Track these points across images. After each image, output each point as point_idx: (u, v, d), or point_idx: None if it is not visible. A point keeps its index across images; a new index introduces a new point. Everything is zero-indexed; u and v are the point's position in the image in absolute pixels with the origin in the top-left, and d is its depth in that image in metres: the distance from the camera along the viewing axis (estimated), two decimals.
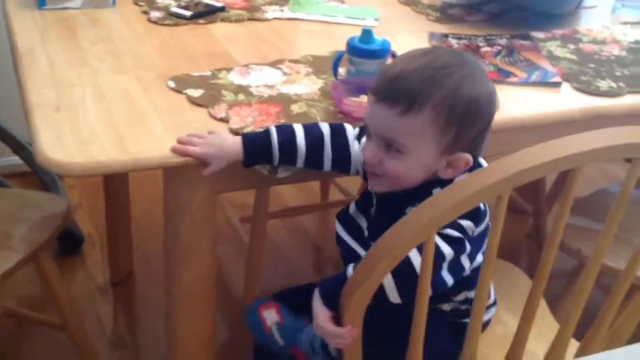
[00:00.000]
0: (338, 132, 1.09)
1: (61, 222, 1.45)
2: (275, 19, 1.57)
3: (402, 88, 0.94)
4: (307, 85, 1.25)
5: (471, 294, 1.04)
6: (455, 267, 0.97)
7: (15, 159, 2.20)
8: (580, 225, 1.49)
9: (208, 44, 1.41)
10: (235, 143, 1.05)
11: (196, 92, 1.19)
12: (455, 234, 0.94)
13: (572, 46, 1.49)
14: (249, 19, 1.55)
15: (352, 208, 1.12)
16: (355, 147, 1.09)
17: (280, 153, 1.05)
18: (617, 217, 0.90)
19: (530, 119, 1.22)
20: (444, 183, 0.97)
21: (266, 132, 1.06)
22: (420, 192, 0.96)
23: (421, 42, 1.47)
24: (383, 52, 1.22)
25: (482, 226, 0.99)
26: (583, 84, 1.32)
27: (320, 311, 0.97)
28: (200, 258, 1.14)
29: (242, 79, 1.25)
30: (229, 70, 1.28)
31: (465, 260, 0.98)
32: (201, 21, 1.51)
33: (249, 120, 1.12)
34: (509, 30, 1.55)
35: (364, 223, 1.10)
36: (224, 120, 1.12)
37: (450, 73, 0.94)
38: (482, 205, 0.98)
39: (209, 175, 1.04)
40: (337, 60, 1.25)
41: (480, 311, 0.92)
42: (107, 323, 1.81)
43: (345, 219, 1.12)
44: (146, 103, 1.15)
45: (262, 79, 1.26)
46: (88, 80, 1.21)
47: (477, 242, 0.99)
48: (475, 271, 0.98)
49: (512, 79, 1.31)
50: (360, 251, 1.07)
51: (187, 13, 1.50)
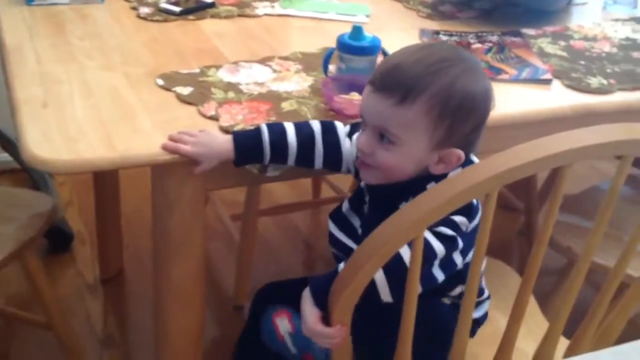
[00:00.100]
0: (329, 130, 1.08)
1: (46, 221, 1.44)
2: (266, 15, 1.56)
3: (399, 79, 0.94)
4: (297, 83, 1.24)
5: None
6: (447, 263, 0.96)
7: (4, 156, 2.19)
8: (571, 223, 1.49)
9: (197, 41, 1.40)
10: (226, 142, 1.04)
11: (185, 90, 1.18)
12: (449, 232, 0.94)
13: (562, 43, 1.49)
14: (239, 15, 1.54)
15: (345, 207, 1.12)
16: (346, 144, 1.08)
17: (272, 151, 1.05)
18: (607, 215, 0.90)
19: (521, 116, 1.22)
20: (438, 178, 0.96)
21: (257, 131, 1.05)
22: (415, 187, 0.95)
23: (412, 38, 1.46)
24: (373, 48, 1.21)
25: (476, 221, 0.99)
26: (574, 81, 1.31)
27: (310, 311, 0.95)
28: (189, 255, 1.13)
29: (232, 77, 1.24)
30: (217, 67, 1.27)
31: (457, 257, 0.97)
32: (191, 17, 1.50)
33: (239, 118, 1.12)
34: (500, 26, 1.55)
35: (357, 222, 1.09)
36: (214, 118, 1.11)
37: (448, 67, 0.94)
38: (474, 201, 0.97)
39: (199, 173, 1.04)
40: (327, 58, 1.24)
41: (469, 310, 0.92)
42: (97, 321, 1.80)
43: (338, 218, 1.11)
44: (134, 100, 1.14)
45: (252, 77, 1.25)
46: (76, 77, 1.20)
47: (471, 237, 0.99)
48: (469, 266, 0.97)
49: (503, 76, 1.31)
50: None
51: (177, 9, 1.49)
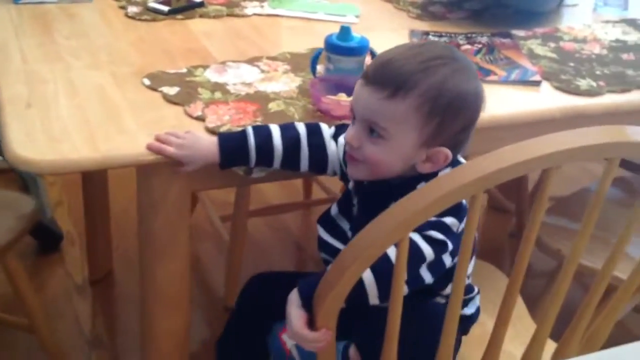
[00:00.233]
0: (314, 132, 1.08)
1: (28, 223, 1.43)
2: (255, 15, 1.55)
3: (391, 73, 0.94)
4: (285, 83, 1.23)
5: None
6: (436, 265, 0.96)
7: None
8: (561, 225, 1.49)
9: (186, 40, 1.39)
10: (211, 144, 1.03)
11: (172, 90, 1.17)
12: (439, 236, 0.93)
13: (552, 44, 1.49)
14: (228, 15, 1.53)
15: (333, 210, 1.11)
16: (331, 147, 1.08)
17: (257, 155, 1.04)
18: (593, 217, 0.89)
19: (510, 118, 1.21)
20: (429, 179, 0.95)
21: (242, 134, 1.05)
22: (405, 188, 0.93)
23: (402, 39, 1.45)
24: (361, 49, 1.21)
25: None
26: (563, 83, 1.31)
27: (296, 314, 0.93)
28: (174, 256, 1.12)
29: (219, 77, 1.23)
30: (205, 67, 1.26)
31: (447, 258, 0.97)
32: (179, 17, 1.49)
33: (226, 118, 1.11)
34: (490, 28, 1.54)
35: (346, 225, 1.09)
36: (200, 118, 1.11)
37: (441, 64, 0.94)
38: (464, 201, 0.97)
39: (183, 173, 1.03)
40: (315, 58, 1.23)
41: (455, 315, 0.91)
42: (85, 322, 1.79)
43: (327, 222, 1.11)
44: (120, 100, 1.14)
45: (240, 77, 1.24)
46: (61, 76, 1.19)
47: (461, 238, 0.98)
48: (455, 268, 0.97)
49: (492, 78, 1.31)
50: None
51: (165, 8, 1.48)
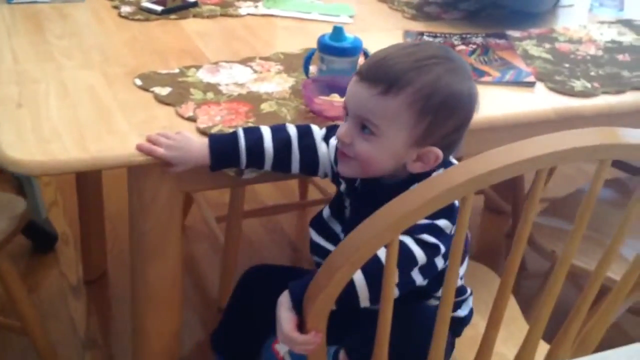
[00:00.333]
0: (305, 134, 1.07)
1: (19, 224, 1.42)
2: (249, 15, 1.55)
3: (385, 70, 0.94)
4: (277, 84, 1.23)
5: None
6: (428, 268, 0.95)
7: None
8: (556, 227, 1.48)
9: (178, 40, 1.38)
10: (202, 146, 1.03)
11: (164, 90, 1.17)
12: (432, 239, 0.93)
13: (547, 45, 1.48)
14: (222, 15, 1.52)
15: (325, 213, 1.11)
16: (322, 148, 1.07)
17: (248, 157, 1.04)
18: (585, 218, 0.89)
19: (504, 119, 1.21)
20: (422, 180, 0.95)
21: (233, 136, 1.04)
22: (398, 190, 0.93)
23: (396, 39, 1.44)
24: (354, 49, 1.20)
25: None
26: (557, 84, 1.30)
27: (286, 316, 0.92)
28: (166, 257, 1.12)
29: (212, 77, 1.23)
30: (197, 67, 1.25)
31: (439, 261, 0.96)
32: (173, 17, 1.48)
33: (217, 119, 1.10)
34: (485, 28, 1.54)
35: (338, 227, 1.09)
36: (192, 119, 1.10)
37: (436, 63, 0.94)
38: (456, 202, 0.96)
39: (172, 174, 1.02)
40: (308, 59, 1.23)
41: (446, 316, 0.90)
42: (80, 323, 1.78)
43: (319, 224, 1.10)
44: (111, 101, 1.13)
45: (232, 77, 1.23)
46: (53, 76, 1.18)
47: None
48: (445, 271, 0.96)
49: (486, 78, 1.30)
50: None
51: (158, 8, 1.48)
